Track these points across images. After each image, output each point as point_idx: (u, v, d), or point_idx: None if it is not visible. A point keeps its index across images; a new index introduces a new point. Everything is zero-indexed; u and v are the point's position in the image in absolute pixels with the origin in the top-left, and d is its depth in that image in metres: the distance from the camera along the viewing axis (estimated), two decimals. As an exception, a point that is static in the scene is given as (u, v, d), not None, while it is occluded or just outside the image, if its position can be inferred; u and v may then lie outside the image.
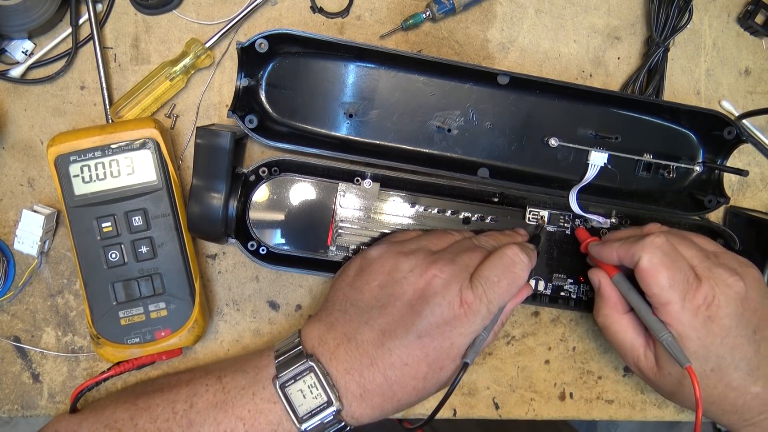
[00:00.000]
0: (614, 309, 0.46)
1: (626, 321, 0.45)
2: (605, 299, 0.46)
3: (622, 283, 0.45)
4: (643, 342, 0.45)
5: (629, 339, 0.45)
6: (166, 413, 0.40)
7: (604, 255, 0.45)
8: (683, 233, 0.46)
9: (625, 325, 0.45)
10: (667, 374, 0.43)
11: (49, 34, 0.50)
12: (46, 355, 0.50)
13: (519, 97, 0.49)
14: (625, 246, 0.43)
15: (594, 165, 0.50)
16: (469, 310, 0.40)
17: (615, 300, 0.46)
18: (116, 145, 0.46)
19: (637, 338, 0.45)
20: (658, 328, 0.42)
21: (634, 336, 0.45)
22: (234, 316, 0.52)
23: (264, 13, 0.52)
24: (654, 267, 0.41)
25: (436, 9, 0.51)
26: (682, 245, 0.43)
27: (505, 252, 0.42)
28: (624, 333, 0.45)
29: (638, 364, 0.45)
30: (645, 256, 0.41)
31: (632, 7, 0.55)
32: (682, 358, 0.40)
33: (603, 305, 0.46)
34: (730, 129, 0.49)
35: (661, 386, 0.45)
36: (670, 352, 0.41)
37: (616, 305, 0.46)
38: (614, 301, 0.46)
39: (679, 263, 0.41)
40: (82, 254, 0.46)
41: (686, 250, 0.43)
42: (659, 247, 0.41)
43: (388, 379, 0.40)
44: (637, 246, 0.42)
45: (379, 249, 0.44)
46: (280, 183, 0.48)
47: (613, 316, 0.46)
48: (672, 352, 0.41)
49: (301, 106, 0.48)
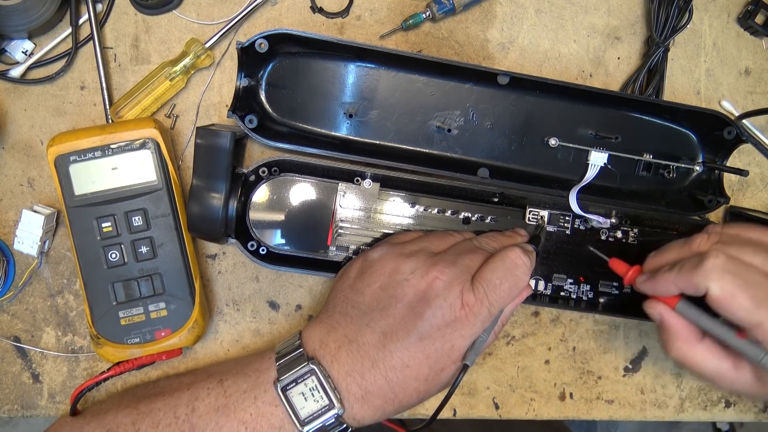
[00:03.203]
0: (687, 341, 0.41)
1: (704, 349, 0.41)
2: (674, 333, 0.41)
3: (689, 312, 0.40)
4: (731, 364, 0.40)
5: (713, 366, 0.41)
6: (168, 418, 0.40)
7: (660, 290, 0.41)
8: (738, 234, 0.41)
9: (704, 353, 0.41)
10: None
11: (49, 34, 0.50)
12: (46, 355, 0.50)
13: (519, 97, 0.49)
14: (683, 276, 0.39)
15: (594, 165, 0.50)
16: (470, 312, 0.40)
17: (686, 331, 0.41)
18: (116, 145, 0.46)
19: (722, 362, 0.40)
20: (755, 352, 0.38)
21: (718, 362, 0.40)
22: (234, 316, 0.52)
23: (264, 13, 0.52)
24: (729, 294, 0.37)
25: (436, 9, 0.51)
26: (746, 253, 0.39)
27: (507, 254, 0.42)
28: (706, 362, 0.41)
29: (734, 387, 0.41)
30: (713, 285, 0.37)
31: (632, 7, 0.55)
32: None
33: (673, 339, 0.41)
34: (730, 129, 0.49)
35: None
36: None
37: (689, 336, 0.41)
38: (686, 333, 0.41)
39: (753, 278, 0.37)
40: (82, 254, 0.46)
41: (753, 256, 0.38)
42: (725, 270, 0.37)
43: (390, 381, 0.40)
44: (698, 275, 0.38)
45: (379, 251, 0.44)
46: (280, 183, 0.48)
47: (689, 349, 0.41)
48: None
49: (301, 106, 0.48)
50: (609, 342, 0.55)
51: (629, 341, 0.55)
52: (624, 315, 0.51)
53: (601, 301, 0.51)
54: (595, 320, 0.55)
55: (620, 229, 0.51)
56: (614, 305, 0.51)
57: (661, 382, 0.55)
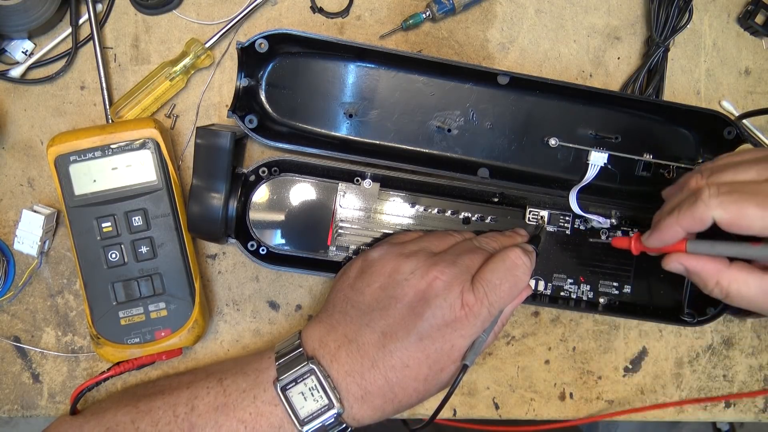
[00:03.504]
0: (718, 272, 0.39)
1: (737, 271, 0.39)
2: (703, 273, 0.40)
3: (700, 247, 0.40)
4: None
5: (755, 286, 0.38)
6: (167, 416, 0.40)
7: (667, 238, 0.40)
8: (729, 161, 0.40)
9: (740, 274, 0.39)
10: None
11: (49, 34, 0.50)
12: (46, 355, 0.50)
13: (519, 97, 0.49)
14: (685, 215, 0.38)
15: (594, 165, 0.50)
16: (470, 312, 0.40)
17: (711, 266, 0.39)
18: (116, 145, 0.46)
19: (762, 281, 0.38)
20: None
21: (759, 279, 0.38)
22: (234, 316, 0.52)
23: (264, 13, 0.52)
24: (735, 213, 0.36)
25: (436, 9, 0.51)
26: (739, 172, 0.38)
27: (507, 254, 0.42)
28: (746, 283, 0.39)
29: None
30: (716, 212, 0.36)
31: (632, 7, 0.55)
32: None
33: (706, 279, 0.40)
34: (730, 129, 0.49)
35: None
36: None
37: (717, 270, 0.39)
38: (712, 268, 0.39)
39: (750, 189, 0.36)
40: (82, 254, 0.46)
41: (746, 173, 0.38)
42: (721, 193, 0.36)
43: (389, 381, 0.40)
44: (699, 209, 0.37)
45: (379, 250, 0.44)
46: (280, 183, 0.48)
47: (724, 277, 0.39)
48: None
49: (301, 106, 0.48)
50: (609, 342, 0.55)
51: (629, 341, 0.55)
52: (624, 315, 0.51)
53: (601, 301, 0.51)
54: (595, 320, 0.55)
55: (620, 229, 0.51)
56: (614, 305, 0.51)
57: (661, 382, 0.55)
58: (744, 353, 0.56)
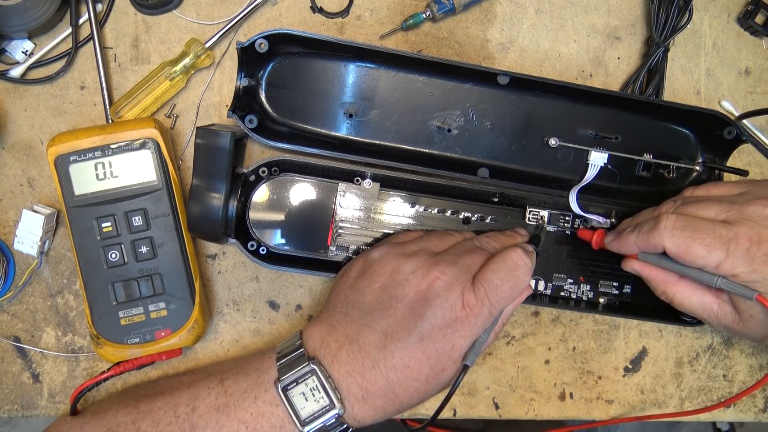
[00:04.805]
0: (665, 282, 0.45)
1: (684, 286, 0.44)
2: (652, 279, 0.45)
3: (650, 258, 0.44)
4: (713, 297, 0.43)
5: (697, 301, 0.44)
6: (168, 417, 0.40)
7: (624, 249, 0.45)
8: (696, 195, 0.44)
9: (685, 289, 0.44)
10: (748, 318, 0.42)
11: (49, 34, 0.50)
12: (46, 355, 0.50)
13: (519, 97, 0.49)
14: (642, 237, 0.43)
15: (594, 165, 0.50)
16: (470, 312, 0.40)
17: (662, 275, 0.44)
18: (116, 145, 0.46)
19: (705, 296, 0.43)
20: (708, 278, 0.41)
21: (701, 296, 0.44)
22: (234, 316, 0.52)
23: (264, 13, 0.52)
24: (683, 247, 0.40)
25: (436, 9, 0.51)
26: (700, 209, 0.42)
27: (508, 255, 0.42)
28: (689, 298, 0.44)
29: (720, 321, 0.44)
30: (667, 243, 0.41)
31: (632, 7, 0.55)
32: (747, 291, 0.39)
33: (655, 285, 0.45)
34: (730, 129, 0.49)
35: (751, 333, 0.43)
36: (733, 292, 0.40)
37: (667, 279, 0.44)
38: (663, 277, 0.44)
39: (703, 227, 0.40)
40: (82, 254, 0.46)
41: (706, 210, 0.42)
42: (676, 227, 0.41)
43: (390, 381, 0.40)
44: (653, 235, 0.41)
45: (380, 250, 0.44)
46: (280, 183, 0.48)
47: (670, 288, 0.44)
48: (734, 290, 0.40)
49: (301, 106, 0.48)
50: (609, 342, 0.55)
51: (629, 341, 0.55)
52: (624, 315, 0.51)
53: (601, 301, 0.51)
54: (595, 320, 0.55)
55: (620, 229, 0.51)
56: (614, 305, 0.51)
57: (661, 382, 0.55)
58: (744, 353, 0.56)
